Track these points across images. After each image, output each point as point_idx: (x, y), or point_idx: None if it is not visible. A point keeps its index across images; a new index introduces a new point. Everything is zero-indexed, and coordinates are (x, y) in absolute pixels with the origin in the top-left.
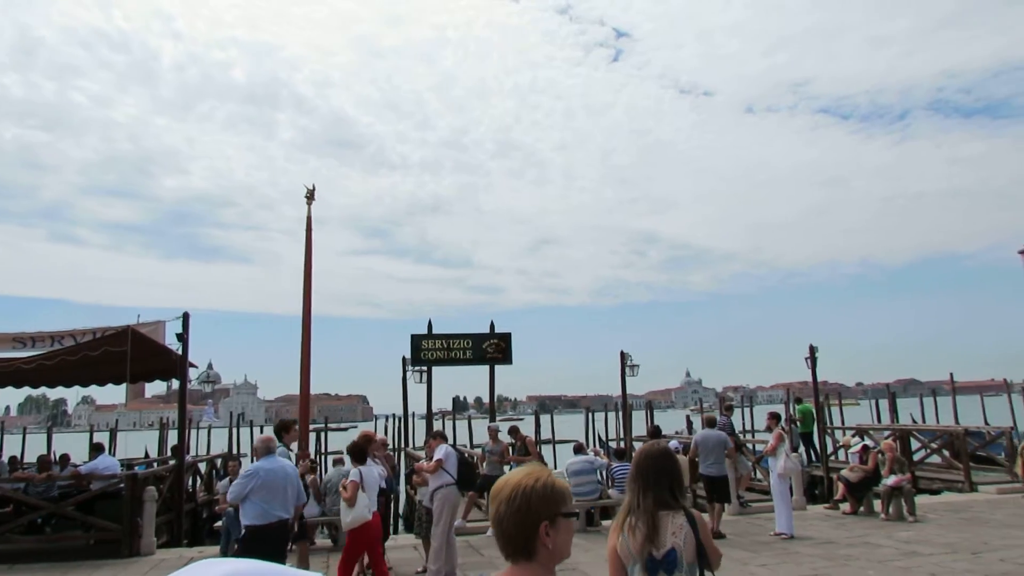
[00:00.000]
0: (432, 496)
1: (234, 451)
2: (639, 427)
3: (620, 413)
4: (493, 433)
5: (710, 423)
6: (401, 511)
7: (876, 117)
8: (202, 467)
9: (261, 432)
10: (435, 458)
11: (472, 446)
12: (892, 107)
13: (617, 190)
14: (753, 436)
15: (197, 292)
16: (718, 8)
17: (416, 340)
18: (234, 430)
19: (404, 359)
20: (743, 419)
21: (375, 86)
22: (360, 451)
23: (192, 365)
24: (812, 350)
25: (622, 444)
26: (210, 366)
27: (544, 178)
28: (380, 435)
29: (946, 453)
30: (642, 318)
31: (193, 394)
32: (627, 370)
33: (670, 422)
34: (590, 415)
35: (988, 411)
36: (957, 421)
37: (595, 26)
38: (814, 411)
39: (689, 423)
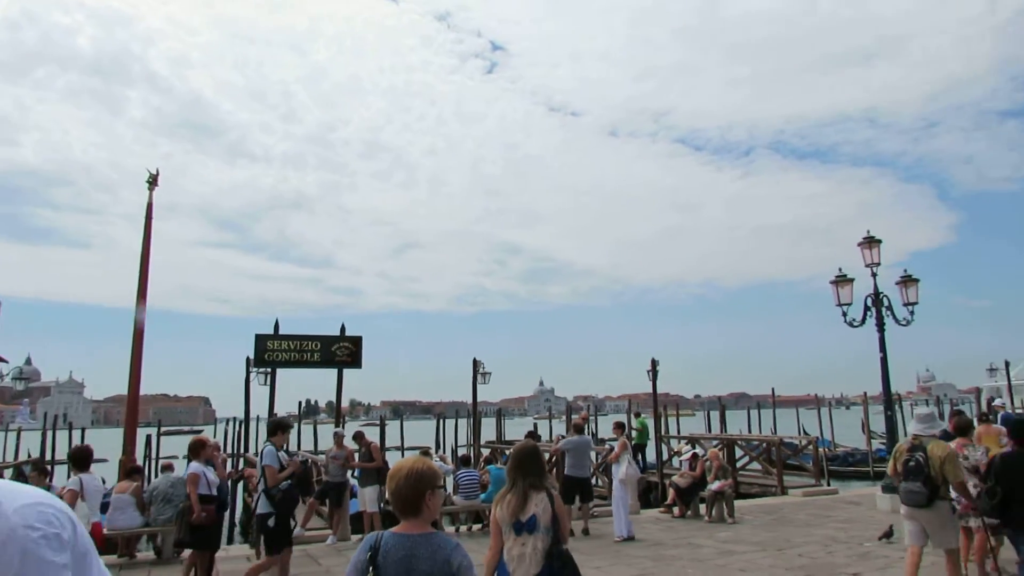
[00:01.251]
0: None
1: (47, 456)
2: (489, 433)
3: (470, 420)
4: (338, 439)
5: (578, 429)
6: (238, 519)
7: (726, 151)
8: (8, 474)
9: (83, 436)
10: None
11: (317, 451)
12: (740, 144)
13: (484, 199)
14: (600, 444)
15: (17, 278)
16: (591, 34)
17: (261, 340)
18: (49, 433)
19: (248, 359)
20: (588, 428)
21: (239, 71)
22: (82, 457)
23: (2, 359)
24: (654, 364)
25: (468, 451)
26: (28, 361)
27: (412, 182)
28: (213, 439)
29: (764, 460)
30: (500, 327)
31: (3, 392)
32: (478, 377)
33: (520, 430)
34: (441, 421)
35: (803, 423)
36: (776, 432)
37: (472, 36)
38: (649, 426)
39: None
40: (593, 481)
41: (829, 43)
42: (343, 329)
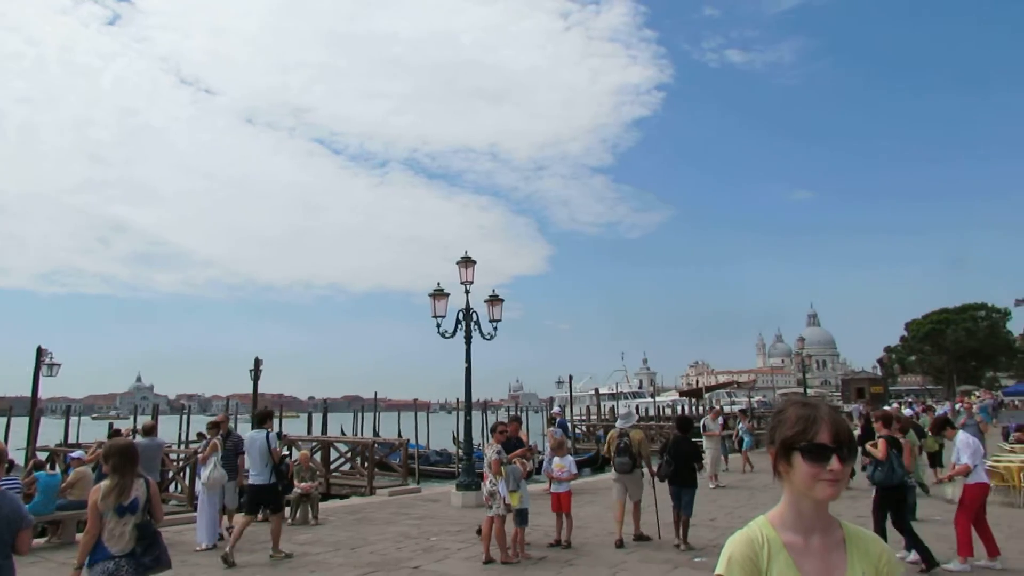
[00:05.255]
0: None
1: None
2: (55, 434)
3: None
4: None
5: (147, 431)
6: None
7: (363, 159)
8: None
9: None
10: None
11: None
12: (377, 154)
13: (89, 166)
14: (187, 446)
15: None
16: (237, 13)
17: None
18: None
19: None
20: (180, 429)
21: None
22: None
23: None
24: (257, 363)
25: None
26: None
27: None
28: None
29: (358, 462)
30: (96, 313)
31: None
32: (43, 369)
33: (97, 431)
34: None
35: (405, 426)
36: (376, 434)
37: None
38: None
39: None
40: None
41: (464, 79)
42: None
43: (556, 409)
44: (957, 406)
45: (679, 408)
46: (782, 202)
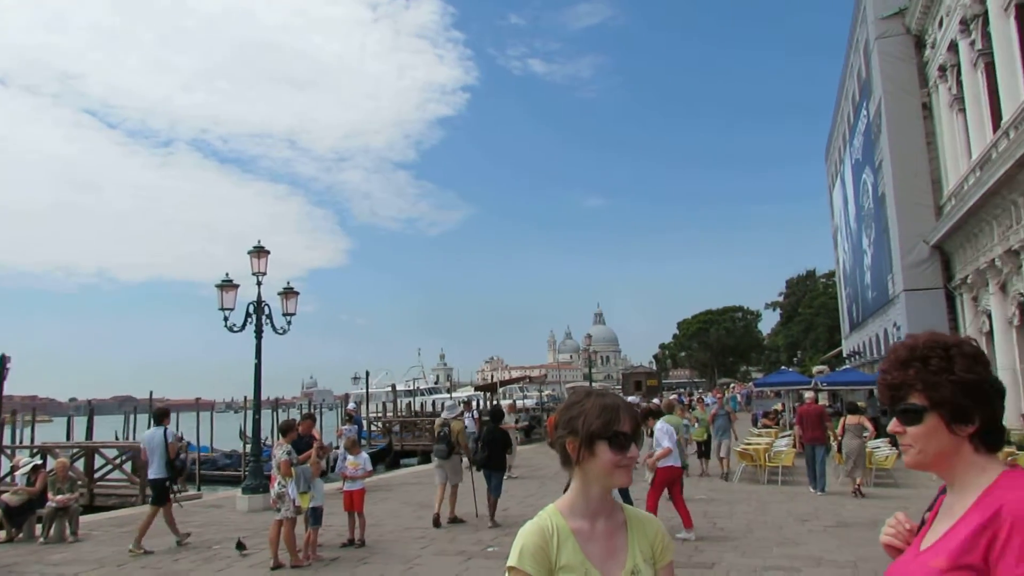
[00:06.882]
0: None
1: None
2: None
3: None
4: None
5: None
6: None
7: (143, 136)
8: None
9: None
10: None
11: None
12: (160, 132)
13: None
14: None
15: None
16: None
17: None
18: None
19: None
20: None
21: None
22: None
23: None
24: (3, 360)
25: None
26: None
27: None
28: None
29: (131, 468)
30: None
31: None
32: None
33: None
34: None
35: (186, 428)
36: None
37: None
38: None
39: None
40: None
41: (263, 61)
42: None
43: (351, 406)
44: (715, 397)
45: (474, 403)
46: (576, 207)
